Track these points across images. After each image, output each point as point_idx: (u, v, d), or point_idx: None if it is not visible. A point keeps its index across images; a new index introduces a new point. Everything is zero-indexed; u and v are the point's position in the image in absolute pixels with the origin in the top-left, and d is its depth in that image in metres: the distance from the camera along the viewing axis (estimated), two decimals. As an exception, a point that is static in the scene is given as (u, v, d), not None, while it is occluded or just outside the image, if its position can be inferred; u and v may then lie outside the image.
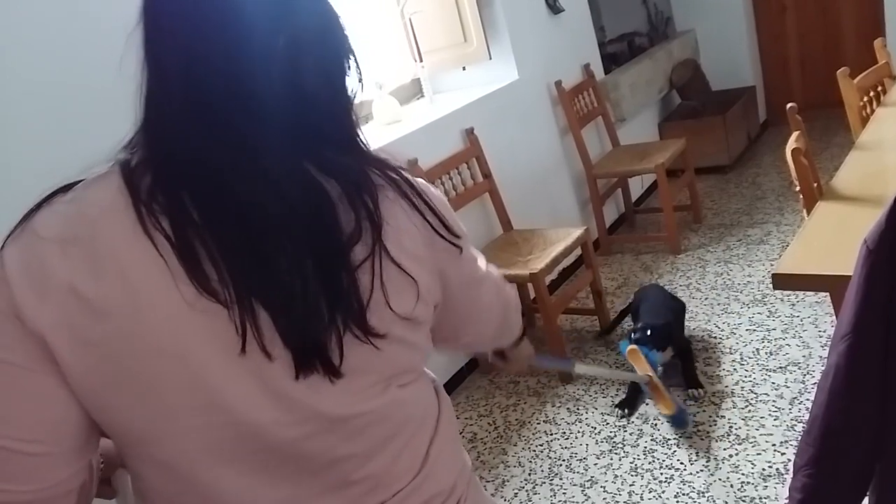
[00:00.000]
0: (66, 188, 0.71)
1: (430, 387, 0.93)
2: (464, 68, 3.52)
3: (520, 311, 1.16)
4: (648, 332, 2.62)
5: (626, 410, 2.63)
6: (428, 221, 0.80)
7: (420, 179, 0.84)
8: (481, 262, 0.97)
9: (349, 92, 0.78)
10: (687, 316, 3.13)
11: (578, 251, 3.10)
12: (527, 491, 2.38)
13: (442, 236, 0.81)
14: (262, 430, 0.73)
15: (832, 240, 1.68)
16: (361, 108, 3.27)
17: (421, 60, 3.38)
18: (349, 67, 0.77)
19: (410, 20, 3.34)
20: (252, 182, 0.68)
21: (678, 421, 2.43)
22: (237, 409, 0.71)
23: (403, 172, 0.81)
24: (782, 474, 2.15)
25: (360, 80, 0.79)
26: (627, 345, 2.55)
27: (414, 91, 3.58)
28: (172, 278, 0.67)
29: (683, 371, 2.71)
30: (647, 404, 2.64)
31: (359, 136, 0.80)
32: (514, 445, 2.62)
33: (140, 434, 0.72)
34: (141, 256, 0.67)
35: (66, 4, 1.89)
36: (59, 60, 1.87)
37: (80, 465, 0.72)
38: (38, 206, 0.70)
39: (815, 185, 2.06)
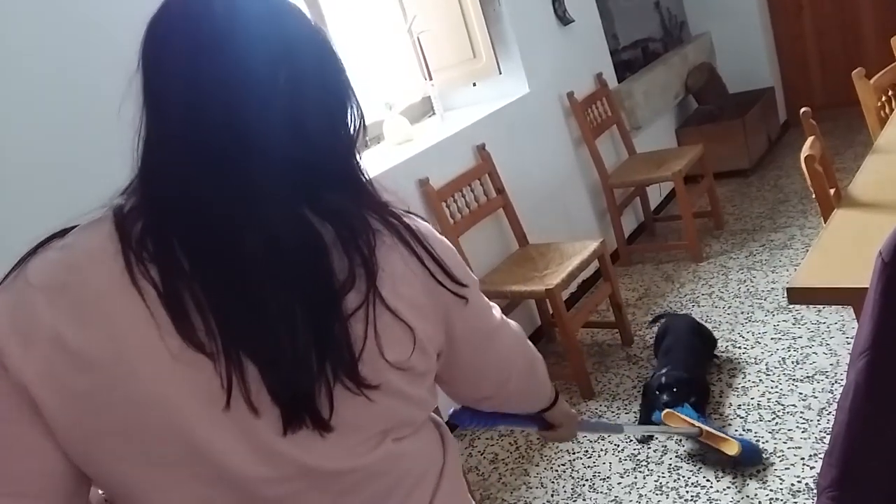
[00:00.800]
0: (62, 233, 0.71)
1: (433, 436, 0.89)
2: (474, 84, 3.50)
3: (544, 365, 1.10)
4: (675, 390, 2.45)
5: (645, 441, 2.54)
6: (427, 268, 0.78)
7: (424, 223, 0.82)
8: (495, 312, 0.94)
9: (351, 131, 0.77)
10: (710, 326, 3.07)
11: (597, 263, 3.06)
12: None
13: (443, 285, 0.79)
14: (251, 485, 0.71)
15: (850, 250, 1.62)
16: (371, 128, 3.27)
17: (430, 78, 3.38)
18: (350, 107, 0.76)
19: (419, 38, 3.34)
20: (245, 229, 0.67)
21: (750, 456, 2.23)
22: (223, 464, 0.69)
23: (404, 217, 0.79)
24: (812, 489, 2.09)
25: (362, 119, 0.78)
26: (660, 414, 2.40)
27: (424, 109, 3.57)
28: (158, 330, 0.66)
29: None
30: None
31: (360, 177, 0.78)
32: (536, 465, 2.58)
33: (128, 486, 0.71)
34: (127, 306, 0.66)
35: (66, 10, 1.91)
36: (59, 64, 1.87)
37: None
38: (34, 250, 0.69)
39: (834, 190, 2.00)
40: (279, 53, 0.70)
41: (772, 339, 2.87)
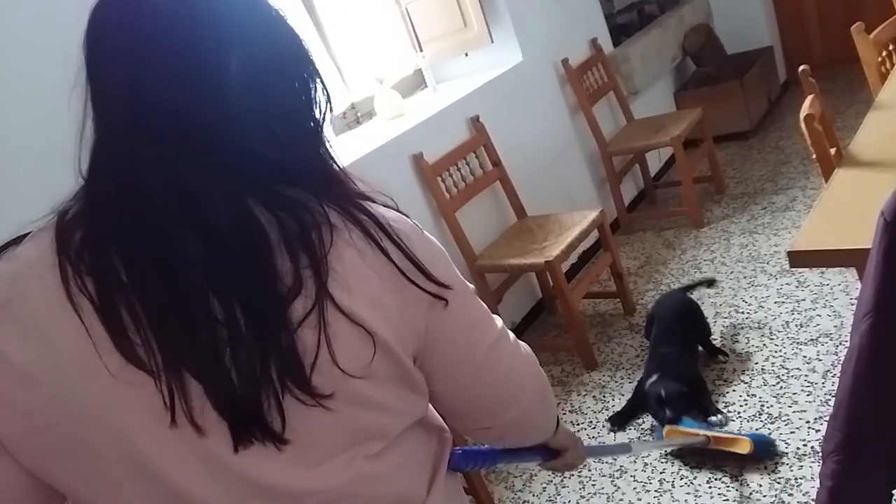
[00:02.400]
0: (17, 240, 0.68)
1: (423, 448, 0.82)
2: (466, 54, 3.44)
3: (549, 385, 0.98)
4: (675, 404, 2.30)
5: (615, 427, 2.50)
6: (394, 263, 0.70)
7: (402, 218, 0.74)
8: (496, 324, 0.83)
9: (316, 116, 0.72)
10: (713, 291, 3.05)
11: (595, 234, 3.02)
12: (555, 485, 2.33)
13: (413, 282, 0.71)
14: None
15: (852, 210, 1.58)
16: (363, 104, 3.23)
17: (421, 50, 3.32)
18: (313, 89, 0.71)
19: (407, 9, 3.28)
20: (184, 233, 0.63)
21: (764, 450, 2.12)
22: (175, 483, 0.67)
23: (373, 208, 0.72)
24: (817, 452, 2.07)
25: (328, 99, 0.73)
26: (661, 432, 2.30)
27: (417, 82, 3.51)
28: (95, 348, 0.63)
29: (698, 403, 2.40)
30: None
31: (326, 166, 0.73)
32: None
33: (86, 502, 0.69)
34: (63, 322, 0.63)
35: (65, 10, 1.87)
36: (58, 63, 1.84)
37: None
38: None
39: (834, 149, 1.96)
40: (229, 37, 0.65)
41: (775, 302, 2.85)
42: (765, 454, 2.13)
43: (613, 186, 3.80)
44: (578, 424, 2.56)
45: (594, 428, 2.52)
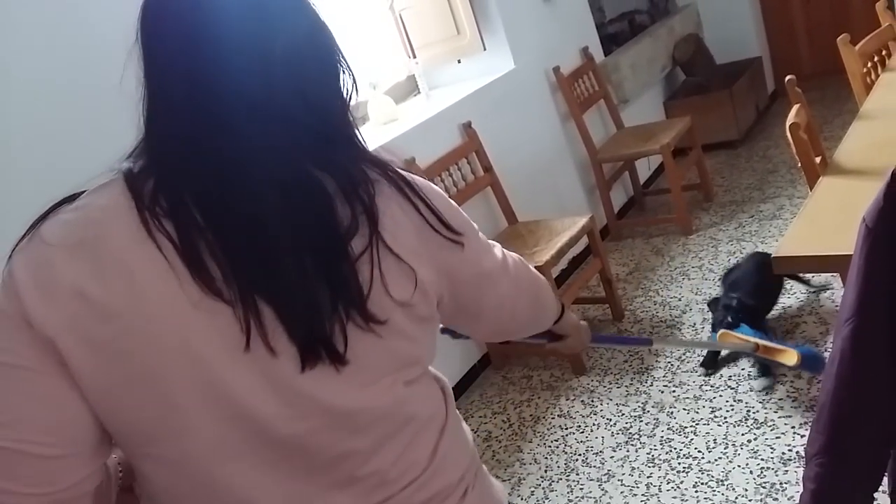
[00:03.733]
0: (70, 198, 0.74)
1: (437, 389, 0.94)
2: (459, 61, 3.47)
3: (550, 288, 1.16)
4: (739, 314, 2.46)
5: (709, 370, 2.61)
6: (423, 217, 0.81)
7: (419, 177, 0.86)
8: (496, 252, 0.98)
9: (343, 93, 0.81)
10: (701, 298, 3.08)
11: (585, 240, 3.05)
12: (543, 489, 2.35)
13: (438, 232, 0.83)
14: (269, 424, 0.75)
15: (836, 217, 1.61)
16: (357, 109, 3.24)
17: (414, 56, 3.34)
18: (342, 72, 0.81)
19: (401, 16, 3.30)
20: (254, 183, 0.71)
21: (811, 363, 2.14)
22: (244, 404, 0.73)
23: (400, 170, 0.83)
24: (803, 457, 2.10)
25: (354, 81, 0.82)
26: (716, 335, 2.40)
27: (410, 88, 3.54)
28: (177, 279, 0.70)
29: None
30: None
31: (356, 135, 0.83)
32: (530, 442, 2.58)
33: (151, 433, 0.74)
34: (145, 258, 0.69)
35: (64, 9, 1.90)
36: (58, 64, 1.87)
37: (94, 468, 0.74)
38: (45, 215, 0.72)
39: (820, 158, 1.99)
40: (274, 25, 0.75)
41: (762, 309, 2.87)
42: (812, 367, 2.17)
43: (603, 193, 3.83)
44: (567, 429, 2.58)
45: (582, 432, 2.54)
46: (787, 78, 2.11)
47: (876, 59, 2.54)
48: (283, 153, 0.73)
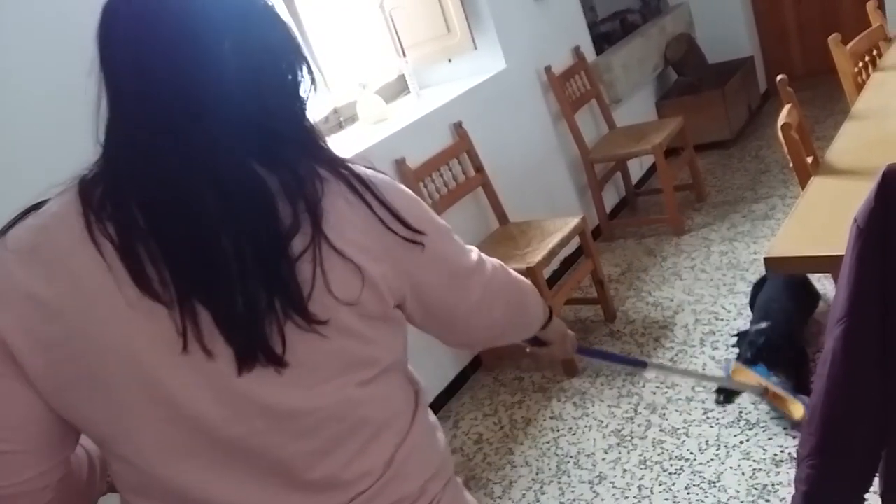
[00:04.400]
0: (39, 205, 0.77)
1: (404, 390, 0.92)
2: (449, 60, 3.45)
3: (537, 294, 1.14)
4: (763, 352, 2.33)
5: (721, 396, 2.44)
6: (375, 213, 0.81)
7: (380, 175, 0.86)
8: (472, 255, 0.96)
9: (300, 92, 0.82)
10: (693, 299, 3.07)
11: (577, 240, 3.03)
12: (535, 491, 2.33)
13: (392, 229, 0.82)
14: (210, 426, 0.76)
15: (828, 218, 1.60)
16: (346, 108, 3.22)
17: (404, 55, 3.32)
18: (299, 70, 0.81)
19: (391, 15, 3.28)
20: (196, 184, 0.72)
21: None
22: (185, 405, 0.75)
23: (354, 167, 0.83)
24: (795, 459, 2.08)
25: (313, 80, 0.83)
26: (729, 367, 2.34)
27: (400, 88, 3.51)
28: (115, 282, 0.72)
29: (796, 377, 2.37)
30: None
31: (310, 133, 0.83)
32: (521, 444, 2.56)
33: (102, 431, 0.78)
34: (87, 261, 0.72)
35: (60, 10, 1.88)
36: (55, 64, 1.84)
37: (53, 463, 0.78)
38: (14, 222, 0.76)
39: (812, 158, 1.98)
40: (221, 26, 0.75)
41: (754, 309, 2.86)
42: None
43: (595, 193, 3.82)
44: (558, 431, 2.56)
45: (574, 434, 2.52)
46: (779, 78, 2.10)
47: (867, 58, 2.53)
48: (223, 153, 0.74)
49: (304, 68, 0.81)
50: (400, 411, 0.90)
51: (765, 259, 1.51)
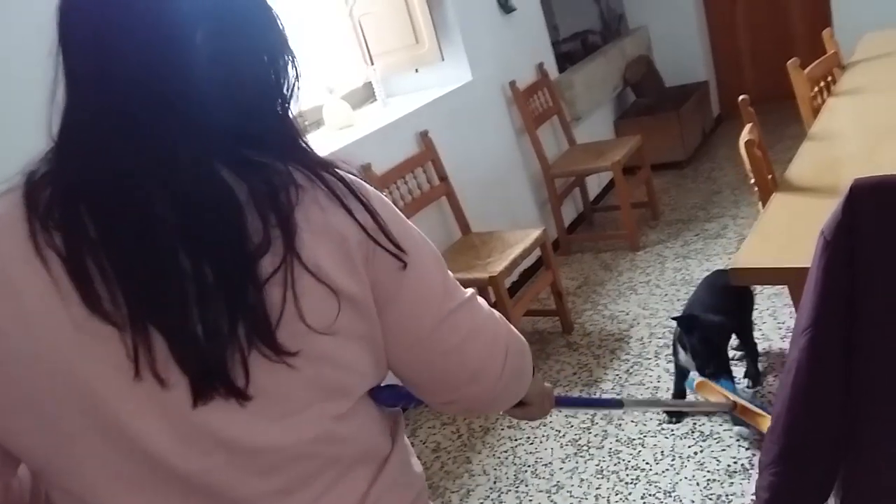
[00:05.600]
0: None
1: (383, 419, 0.83)
2: (416, 70, 3.46)
3: (530, 355, 0.95)
4: (706, 365, 2.25)
5: (674, 419, 2.43)
6: (357, 221, 0.72)
7: (363, 182, 0.77)
8: (463, 292, 0.83)
9: (282, 88, 0.73)
10: (648, 312, 3.12)
11: (538, 252, 3.06)
12: (492, 500, 2.33)
13: (374, 240, 0.73)
14: (164, 459, 0.68)
15: (789, 232, 1.66)
16: (311, 113, 3.20)
17: (372, 63, 3.32)
18: (283, 64, 0.73)
19: (360, 22, 3.28)
20: (153, 193, 0.64)
21: None
22: (136, 437, 0.67)
23: (339, 171, 0.74)
24: (747, 469, 2.13)
25: (297, 77, 0.74)
26: (693, 382, 2.31)
27: (366, 95, 3.51)
28: (61, 300, 0.64)
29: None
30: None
31: (291, 133, 0.74)
32: (479, 453, 2.56)
33: (44, 461, 0.69)
34: (30, 275, 0.64)
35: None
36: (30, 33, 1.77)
37: None
38: None
39: (770, 177, 2.04)
40: (195, 12, 0.67)
41: (707, 325, 2.93)
42: None
43: (555, 207, 3.87)
44: (516, 440, 2.57)
45: (531, 443, 2.53)
46: (741, 97, 2.16)
47: (822, 84, 2.63)
48: (186, 155, 0.65)
49: (289, 63, 0.73)
50: (377, 443, 0.81)
51: (730, 270, 1.55)
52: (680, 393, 2.49)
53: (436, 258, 0.82)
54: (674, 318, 2.35)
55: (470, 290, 0.85)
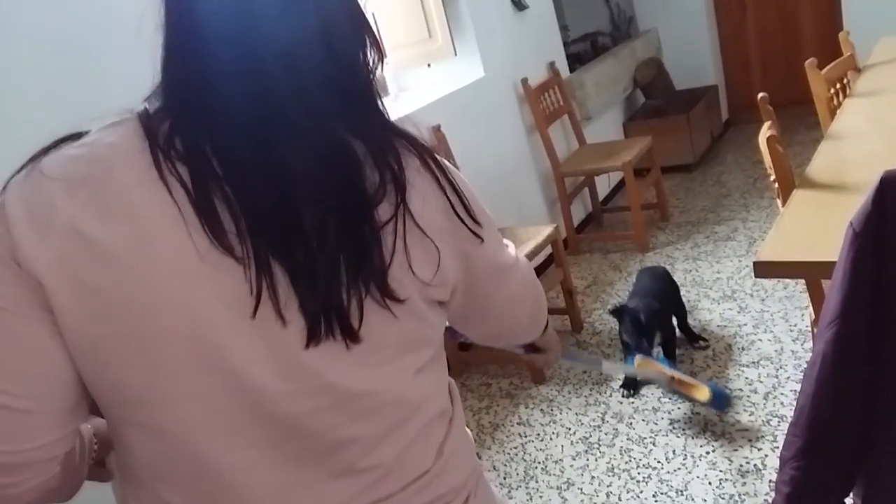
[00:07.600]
0: (75, 135, 0.67)
1: (446, 381, 0.89)
2: (429, 65, 3.45)
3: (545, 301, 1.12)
4: (645, 340, 2.53)
5: (630, 391, 2.65)
6: (449, 200, 0.76)
7: (448, 163, 0.81)
8: (511, 250, 0.93)
9: (370, 65, 0.75)
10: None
11: (548, 250, 3.05)
12: (503, 496, 2.31)
13: (462, 220, 0.77)
14: (267, 399, 0.68)
15: (811, 226, 1.65)
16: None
17: (385, 57, 3.31)
18: (369, 41, 0.75)
19: (373, 15, 3.27)
20: (279, 138, 0.65)
21: (720, 401, 2.23)
22: (242, 374, 0.67)
23: (429, 147, 0.78)
24: (760, 470, 2.12)
25: (380, 49, 0.76)
26: (633, 360, 2.48)
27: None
28: (185, 226, 0.63)
29: (681, 328, 2.84)
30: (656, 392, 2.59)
31: (381, 103, 0.77)
32: (489, 449, 2.55)
33: (136, 396, 0.67)
34: (153, 201, 0.63)
35: None
36: (58, 16, 1.78)
37: (66, 431, 0.68)
38: (46, 150, 0.66)
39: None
40: None
41: (718, 326, 2.92)
42: (720, 406, 2.26)
43: (564, 206, 3.86)
44: (526, 436, 2.56)
45: (541, 440, 2.52)
46: (760, 95, 2.16)
47: (838, 85, 2.62)
48: (316, 108, 0.66)
49: (373, 39, 0.75)
50: (446, 403, 0.86)
51: (754, 263, 1.54)
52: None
53: (494, 224, 0.87)
54: (609, 311, 2.72)
55: (511, 244, 0.94)
